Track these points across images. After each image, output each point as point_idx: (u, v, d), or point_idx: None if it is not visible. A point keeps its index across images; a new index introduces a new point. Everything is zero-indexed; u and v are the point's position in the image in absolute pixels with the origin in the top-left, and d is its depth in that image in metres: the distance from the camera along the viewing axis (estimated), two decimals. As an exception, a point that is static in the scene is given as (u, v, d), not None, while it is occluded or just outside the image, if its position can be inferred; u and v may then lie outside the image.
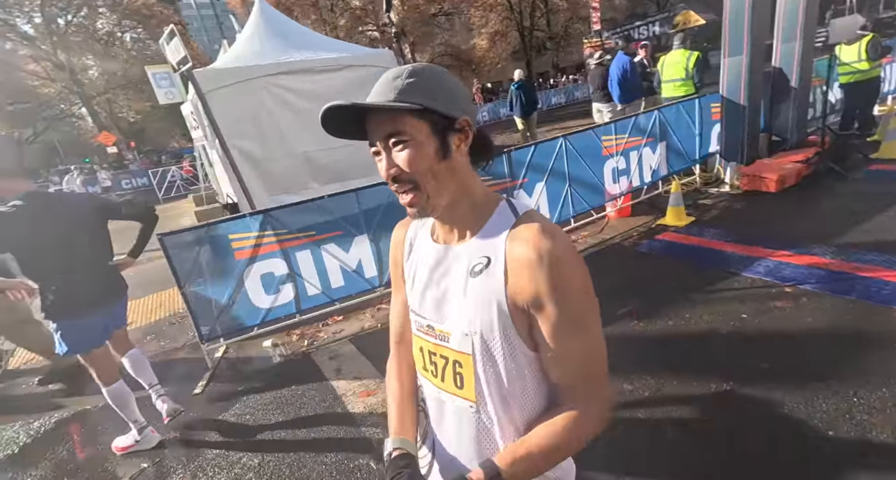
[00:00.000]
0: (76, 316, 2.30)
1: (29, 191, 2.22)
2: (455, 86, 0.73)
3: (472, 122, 0.73)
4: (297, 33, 6.93)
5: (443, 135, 0.70)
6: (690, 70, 5.79)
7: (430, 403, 0.89)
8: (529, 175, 4.44)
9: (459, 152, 0.72)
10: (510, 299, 0.70)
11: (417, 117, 0.67)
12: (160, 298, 4.87)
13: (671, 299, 3.24)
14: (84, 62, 26.85)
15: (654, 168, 5.33)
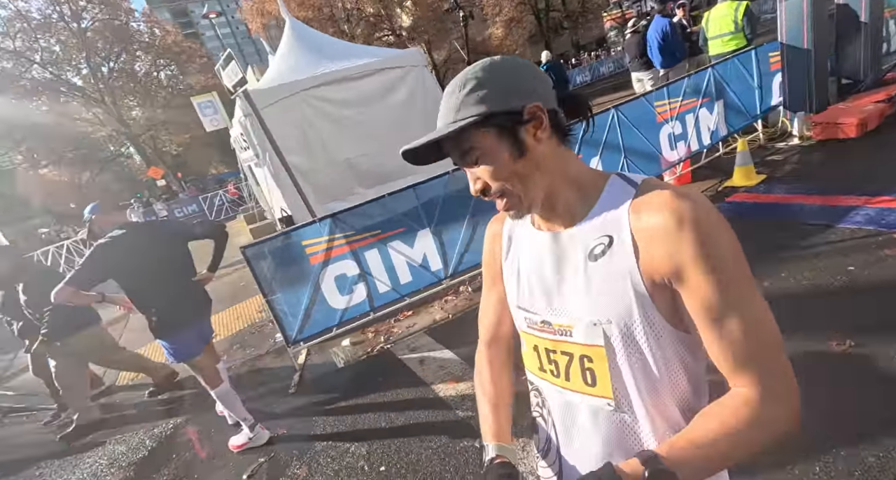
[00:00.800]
0: (177, 332, 2.51)
1: (127, 222, 2.50)
2: (513, 73, 0.66)
3: (544, 102, 0.65)
4: (328, 45, 7.09)
5: (512, 133, 0.65)
6: (740, 22, 5.44)
7: (554, 408, 0.79)
8: (583, 150, 4.32)
9: (538, 141, 0.66)
10: (646, 276, 0.62)
11: (480, 128, 0.64)
12: (237, 311, 5.11)
13: (760, 260, 3.04)
14: (127, 103, 28.66)
15: (712, 129, 5.05)
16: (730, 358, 0.61)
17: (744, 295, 0.60)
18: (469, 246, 3.86)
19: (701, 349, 0.66)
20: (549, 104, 0.67)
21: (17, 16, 23.94)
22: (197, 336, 2.63)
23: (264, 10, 24.46)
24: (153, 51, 28.07)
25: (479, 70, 0.65)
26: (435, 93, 6.80)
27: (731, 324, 0.60)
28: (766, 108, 5.37)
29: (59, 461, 3.19)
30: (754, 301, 0.61)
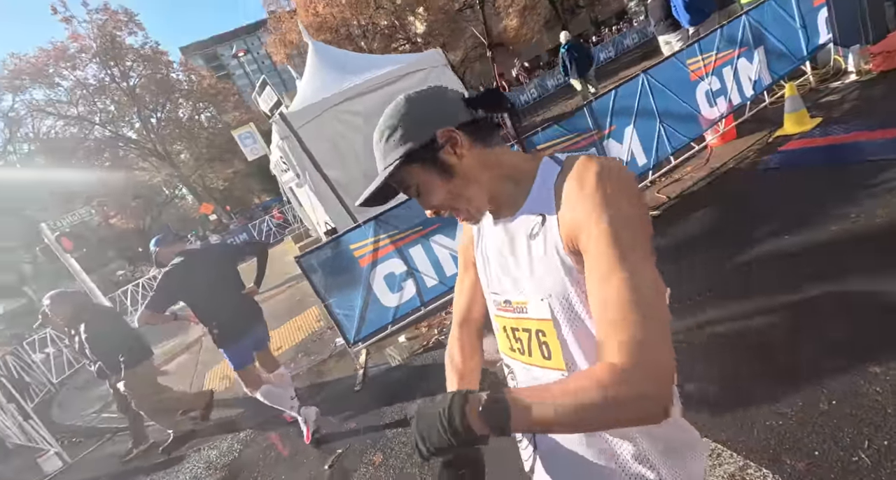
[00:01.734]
0: (236, 341, 2.87)
1: (184, 250, 2.90)
2: (419, 108, 0.70)
3: (454, 121, 0.69)
4: (350, 60, 7.33)
5: (434, 160, 0.69)
6: None
7: (524, 385, 0.81)
8: (616, 122, 4.19)
9: (461, 157, 0.70)
10: (567, 246, 0.64)
11: (407, 166, 0.70)
12: (296, 323, 5.37)
13: (824, 204, 2.83)
14: (176, 148, 30.84)
15: (754, 79, 4.75)
16: (600, 323, 0.58)
17: (627, 259, 0.57)
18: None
19: None
20: (461, 118, 0.70)
21: (77, 84, 26.46)
22: (252, 344, 2.98)
23: (286, 41, 25.56)
24: (192, 96, 30.08)
25: (391, 116, 0.71)
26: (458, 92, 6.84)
27: (608, 288, 0.57)
28: (813, 48, 4.97)
29: (163, 470, 3.50)
30: (637, 268, 0.57)
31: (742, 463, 1.54)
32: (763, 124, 4.75)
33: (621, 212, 0.58)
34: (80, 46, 25.83)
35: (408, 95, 0.73)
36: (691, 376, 2.04)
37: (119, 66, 26.89)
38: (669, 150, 4.43)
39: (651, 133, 4.32)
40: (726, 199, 3.70)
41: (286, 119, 5.00)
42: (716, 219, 3.49)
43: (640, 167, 4.30)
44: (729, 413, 1.75)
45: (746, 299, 2.38)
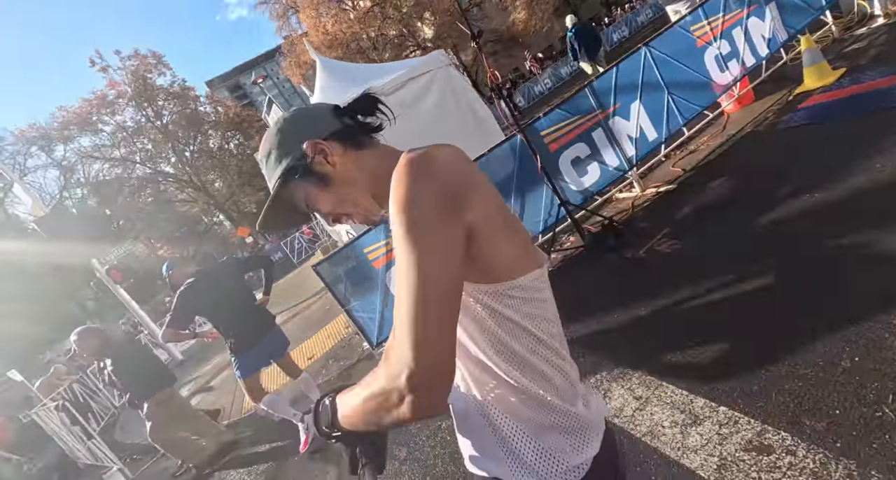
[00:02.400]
0: (249, 348, 3.05)
1: (195, 270, 3.14)
2: (287, 128, 0.75)
3: (320, 132, 0.73)
4: (356, 71, 7.51)
5: (311, 172, 0.72)
6: None
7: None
8: (620, 99, 4.08)
9: (334, 165, 0.72)
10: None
11: (289, 184, 0.74)
12: (327, 331, 5.52)
13: (848, 158, 2.66)
14: (210, 178, 32.35)
15: (768, 37, 4.51)
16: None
17: (407, 256, 0.56)
18: (522, 215, 3.82)
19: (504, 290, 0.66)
20: (331, 128, 0.74)
21: (117, 128, 28.31)
22: (267, 353, 3.16)
23: (300, 62, 26.36)
24: (220, 126, 31.55)
25: (265, 140, 0.76)
26: (465, 90, 6.86)
27: (397, 286, 0.58)
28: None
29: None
30: (412, 264, 0.56)
31: (759, 428, 1.47)
32: (783, 83, 4.52)
33: (410, 213, 0.57)
34: (117, 92, 27.59)
35: (279, 119, 0.77)
36: (707, 343, 1.97)
37: (152, 106, 28.54)
38: (681, 122, 4.27)
39: (659, 106, 4.18)
40: (745, 164, 3.54)
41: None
42: (734, 185, 3.34)
43: (652, 142, 4.16)
44: (745, 379, 1.68)
45: (767, 260, 2.27)
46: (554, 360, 0.71)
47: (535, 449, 0.70)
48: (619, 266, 3.15)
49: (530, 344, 0.68)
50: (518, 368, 0.68)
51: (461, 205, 0.59)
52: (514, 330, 0.67)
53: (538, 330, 0.69)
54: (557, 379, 0.71)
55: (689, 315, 2.26)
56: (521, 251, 0.68)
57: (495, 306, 0.66)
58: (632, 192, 4.22)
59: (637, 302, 2.56)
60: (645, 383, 1.98)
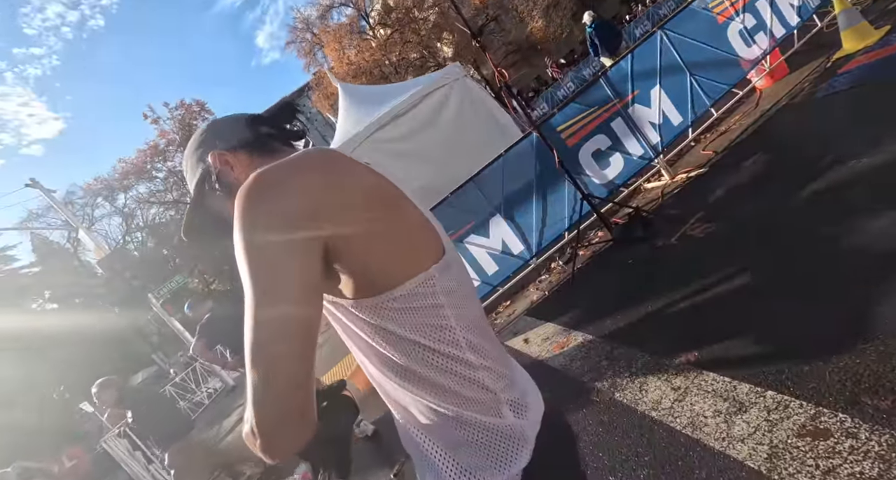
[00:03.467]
0: None
1: (211, 307, 3.41)
2: (195, 140, 0.76)
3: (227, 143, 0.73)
4: (377, 92, 7.74)
5: (218, 183, 0.72)
6: None
7: None
8: (638, 85, 3.94)
9: (237, 174, 0.71)
10: None
11: (204, 198, 0.75)
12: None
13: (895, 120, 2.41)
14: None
15: (797, 4, 4.23)
16: None
17: (246, 291, 0.53)
18: (545, 220, 3.72)
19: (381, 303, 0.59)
20: (239, 137, 0.73)
21: (169, 174, 30.53)
22: None
23: (328, 94, 27.53)
24: (260, 161, 33.41)
25: (184, 159, 0.78)
26: (484, 100, 6.90)
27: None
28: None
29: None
30: (248, 302, 0.52)
31: (814, 412, 1.30)
32: (820, 52, 4.21)
33: (241, 242, 0.52)
34: (167, 140, 29.85)
35: (191, 138, 0.78)
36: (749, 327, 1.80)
37: (199, 150, 30.72)
38: (708, 103, 4.05)
39: (682, 89, 3.99)
40: (781, 138, 3.30)
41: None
42: (770, 161, 3.10)
43: (677, 126, 3.97)
44: (793, 360, 1.51)
45: (811, 234, 2.06)
46: (459, 370, 0.63)
47: (455, 468, 0.65)
48: (650, 256, 2.98)
49: (424, 357, 0.62)
50: (415, 384, 0.63)
51: (302, 223, 0.53)
52: (400, 345, 0.61)
53: (431, 341, 0.62)
54: (466, 391, 0.64)
55: (726, 299, 2.09)
56: (400, 255, 0.60)
57: (375, 321, 0.60)
58: (660, 181, 4.02)
59: (670, 291, 2.40)
60: (683, 372, 1.83)
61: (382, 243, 0.58)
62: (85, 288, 30.11)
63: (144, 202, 31.47)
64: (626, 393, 1.93)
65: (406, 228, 0.62)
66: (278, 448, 0.53)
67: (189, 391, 10.47)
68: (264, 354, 0.51)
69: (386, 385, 0.67)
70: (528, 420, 0.68)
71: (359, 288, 0.59)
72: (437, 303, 0.61)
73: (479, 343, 0.66)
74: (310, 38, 28.60)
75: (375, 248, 0.58)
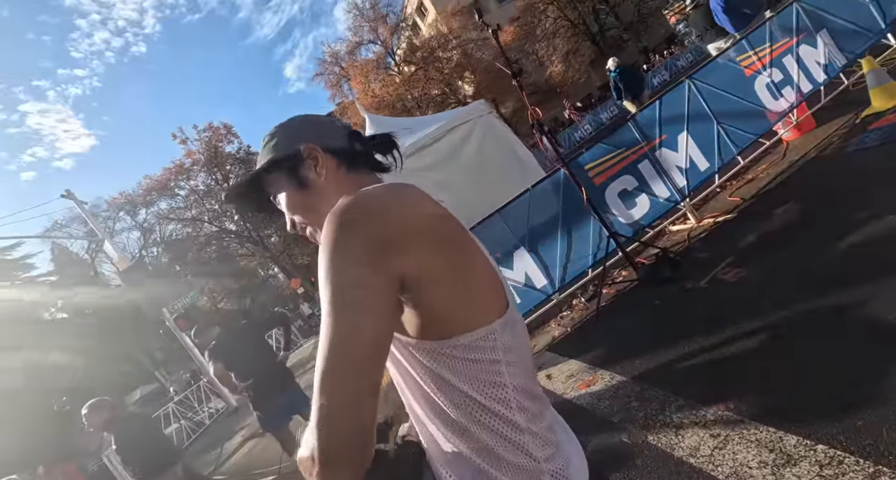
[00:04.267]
0: (269, 404, 3.22)
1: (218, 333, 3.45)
2: (299, 122, 0.78)
3: (326, 143, 0.74)
4: (403, 124, 8.01)
5: (295, 170, 0.73)
6: None
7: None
8: (666, 130, 4.02)
9: (319, 175, 0.73)
10: None
11: (272, 172, 0.75)
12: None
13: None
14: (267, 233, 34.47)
15: (823, 63, 4.34)
16: None
17: (324, 311, 0.54)
18: (569, 256, 3.72)
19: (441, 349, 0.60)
20: (334, 143, 0.75)
21: (190, 192, 31.33)
22: (286, 407, 3.29)
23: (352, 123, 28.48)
24: (279, 185, 34.13)
25: (272, 130, 0.79)
26: (507, 137, 7.08)
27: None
28: (893, 18, 4.46)
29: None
30: (326, 323, 0.53)
31: (872, 470, 1.24)
32: (847, 108, 4.27)
33: (327, 263, 0.55)
34: (193, 160, 30.81)
35: (290, 118, 0.81)
36: (791, 376, 1.74)
37: (221, 170, 31.50)
38: (735, 151, 4.11)
39: (709, 136, 4.06)
40: (813, 189, 3.30)
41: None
42: (803, 210, 3.10)
43: (704, 172, 4.01)
44: (843, 414, 1.45)
45: (854, 282, 2.03)
46: (505, 432, 0.62)
47: None
48: (678, 297, 2.94)
49: (473, 412, 0.61)
50: (459, 436, 0.62)
51: (389, 253, 0.54)
52: (451, 394, 0.61)
53: (482, 397, 0.61)
54: (509, 455, 0.62)
55: (765, 345, 2.04)
56: (469, 305, 0.60)
57: (432, 366, 0.60)
58: (686, 224, 4.02)
59: (704, 334, 2.34)
60: (722, 419, 1.76)
61: (453, 288, 0.59)
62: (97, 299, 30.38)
63: (164, 218, 32.14)
64: (660, 437, 1.86)
65: (476, 279, 0.62)
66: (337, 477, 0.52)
67: (191, 409, 10.29)
68: (341, 380, 0.51)
69: (429, 426, 0.66)
70: None
71: (422, 329, 0.59)
72: (495, 359, 0.61)
73: (528, 406, 0.65)
74: (337, 71, 29.87)
75: (446, 292, 0.58)
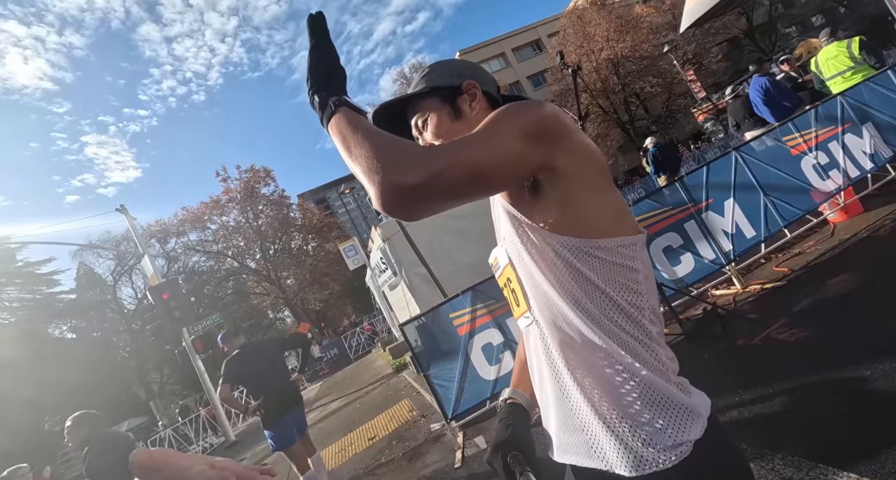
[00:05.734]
0: (279, 421, 3.24)
1: (243, 343, 3.55)
2: (457, 63, 0.87)
3: (482, 84, 0.84)
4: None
5: (451, 100, 0.82)
6: (858, 56, 5.12)
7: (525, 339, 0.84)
8: (713, 195, 4.12)
9: (473, 109, 0.82)
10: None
11: (427, 98, 0.83)
12: (389, 414, 5.22)
13: None
14: (284, 274, 34.79)
15: (869, 152, 4.46)
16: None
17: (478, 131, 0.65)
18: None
19: (585, 247, 0.66)
20: (488, 88, 0.85)
21: (221, 227, 32.33)
22: (294, 427, 3.32)
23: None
24: (304, 230, 34.99)
25: (438, 62, 0.88)
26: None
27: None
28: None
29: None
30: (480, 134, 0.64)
31: None
32: (893, 197, 4.31)
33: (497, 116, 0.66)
34: (229, 197, 32.16)
35: (454, 58, 0.91)
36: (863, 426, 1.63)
37: (253, 209, 32.71)
38: (781, 223, 4.13)
39: (756, 206, 4.13)
40: (868, 264, 3.25)
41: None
42: (861, 281, 3.03)
43: (750, 239, 4.01)
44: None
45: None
46: (639, 336, 0.66)
47: (618, 417, 0.64)
48: (729, 353, 2.83)
49: (608, 310, 0.65)
50: (595, 329, 0.66)
51: (545, 138, 0.65)
52: (590, 291, 0.66)
53: (620, 298, 0.66)
54: (642, 352, 0.65)
55: (832, 405, 1.92)
56: (612, 214, 0.68)
57: (574, 262, 0.66)
58: (730, 289, 3.96)
59: (762, 389, 2.24)
60: (793, 464, 1.63)
61: (600, 195, 0.67)
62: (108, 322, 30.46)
63: (191, 249, 32.94)
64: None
65: (616, 197, 0.70)
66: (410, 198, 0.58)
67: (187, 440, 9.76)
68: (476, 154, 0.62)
69: (558, 319, 0.68)
70: (695, 401, 0.66)
71: (571, 225, 0.66)
72: (635, 268, 0.67)
73: (657, 323, 0.69)
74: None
75: (593, 196, 0.67)
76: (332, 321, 42.12)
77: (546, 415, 0.76)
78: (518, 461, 0.71)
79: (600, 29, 26.30)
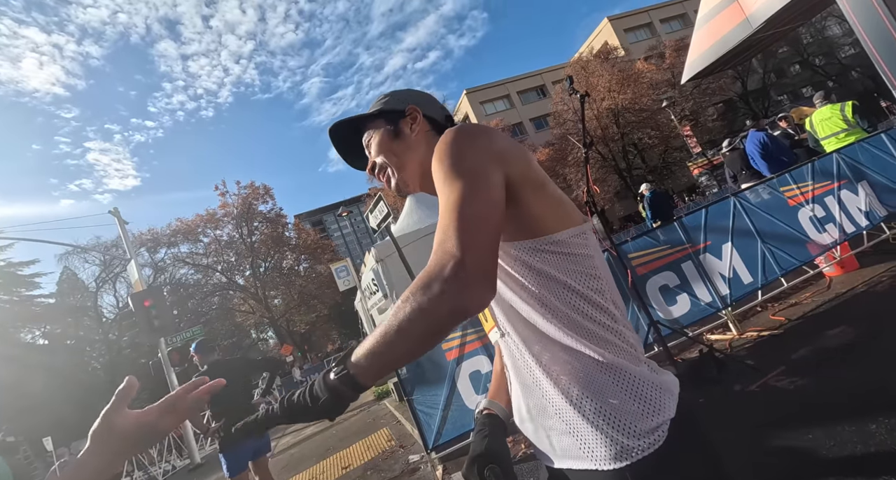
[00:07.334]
0: (236, 446, 3.15)
1: (215, 360, 3.51)
2: (408, 92, 0.93)
3: (425, 109, 0.89)
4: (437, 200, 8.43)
5: (394, 123, 0.88)
6: (852, 119, 5.33)
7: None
8: (710, 238, 4.12)
9: (412, 131, 0.87)
10: None
11: (376, 119, 0.89)
12: (366, 443, 4.96)
13: None
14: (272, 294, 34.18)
15: (865, 210, 4.52)
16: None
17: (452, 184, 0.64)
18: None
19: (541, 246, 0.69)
20: (432, 113, 0.90)
21: (213, 240, 32.00)
22: (250, 452, 3.27)
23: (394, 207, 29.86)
24: (297, 250, 34.69)
25: (390, 91, 0.95)
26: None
27: (441, 207, 0.64)
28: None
29: None
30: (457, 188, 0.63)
31: None
32: (890, 256, 4.33)
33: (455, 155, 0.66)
34: (226, 212, 32.04)
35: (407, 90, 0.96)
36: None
37: (248, 226, 32.51)
38: (778, 272, 4.12)
39: (753, 252, 4.12)
40: (866, 316, 3.22)
41: (392, 235, 5.62)
42: (859, 335, 2.97)
43: (747, 285, 3.98)
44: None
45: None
46: (604, 320, 0.68)
47: (598, 412, 0.65)
48: (725, 398, 2.72)
49: (571, 300, 0.67)
50: (562, 324, 0.67)
51: (499, 157, 0.67)
52: (551, 286, 0.68)
53: (582, 286, 0.68)
54: (612, 338, 0.68)
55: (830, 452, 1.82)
56: (556, 207, 0.71)
57: (532, 262, 0.68)
58: (726, 335, 3.88)
59: (758, 437, 2.13)
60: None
61: (544, 195, 0.71)
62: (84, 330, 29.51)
63: (180, 261, 32.43)
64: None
65: (557, 192, 0.74)
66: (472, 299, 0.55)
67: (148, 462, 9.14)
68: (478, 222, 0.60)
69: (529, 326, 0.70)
70: (665, 379, 0.69)
71: (525, 229, 0.69)
72: (589, 254, 0.70)
73: (618, 301, 0.71)
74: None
75: (539, 198, 0.70)
76: (315, 345, 41.09)
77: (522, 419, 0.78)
78: (495, 474, 0.71)
79: (602, 79, 27.42)
